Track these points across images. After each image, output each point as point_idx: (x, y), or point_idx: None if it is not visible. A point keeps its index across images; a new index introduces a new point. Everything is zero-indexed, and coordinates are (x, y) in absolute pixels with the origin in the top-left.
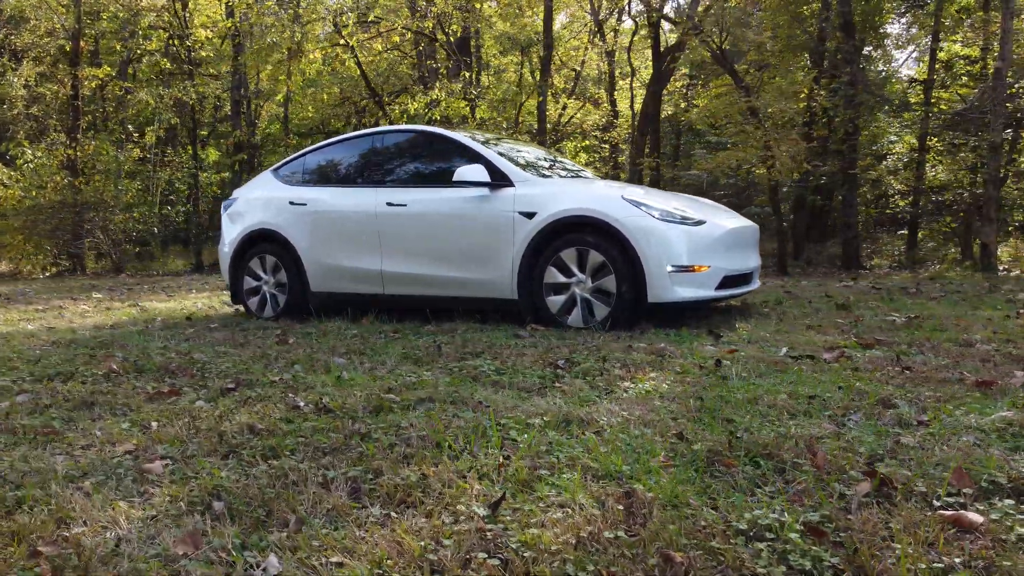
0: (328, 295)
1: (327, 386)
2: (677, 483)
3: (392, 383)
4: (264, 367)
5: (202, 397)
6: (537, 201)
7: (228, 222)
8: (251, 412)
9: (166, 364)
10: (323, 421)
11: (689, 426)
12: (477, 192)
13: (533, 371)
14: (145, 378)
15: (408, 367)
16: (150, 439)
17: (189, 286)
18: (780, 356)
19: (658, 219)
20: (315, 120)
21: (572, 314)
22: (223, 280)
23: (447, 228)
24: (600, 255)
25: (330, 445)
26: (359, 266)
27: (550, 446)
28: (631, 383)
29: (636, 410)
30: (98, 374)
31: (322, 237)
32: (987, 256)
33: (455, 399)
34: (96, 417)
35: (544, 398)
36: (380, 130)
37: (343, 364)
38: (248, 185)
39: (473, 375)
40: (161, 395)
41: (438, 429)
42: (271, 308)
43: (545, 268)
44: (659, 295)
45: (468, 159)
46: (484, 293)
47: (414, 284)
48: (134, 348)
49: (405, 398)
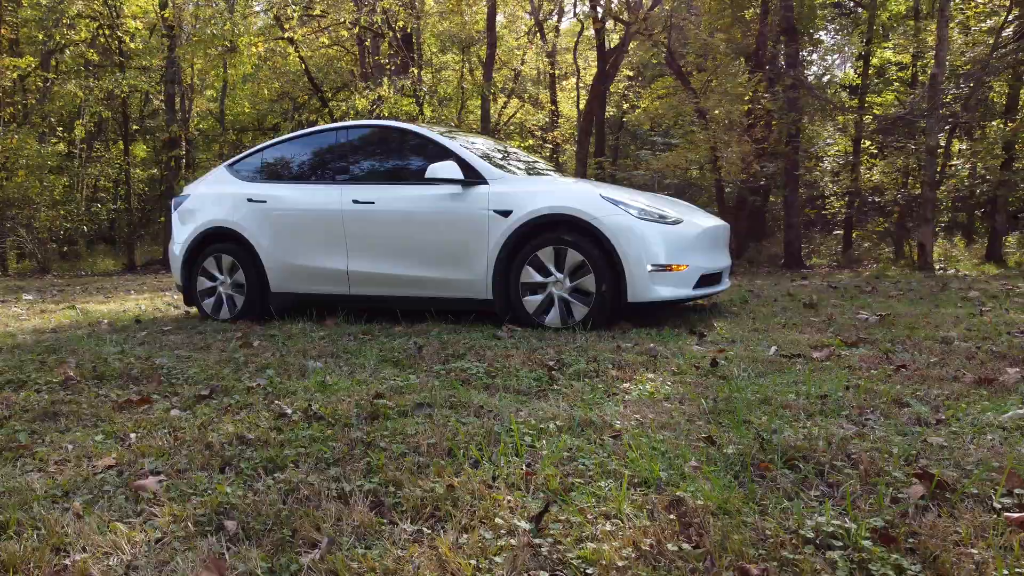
0: (290, 296)
1: (310, 391)
2: (720, 489)
3: (379, 388)
4: (234, 372)
5: (176, 405)
6: (513, 199)
7: (180, 220)
8: (235, 421)
9: (127, 370)
10: (317, 429)
11: (712, 429)
12: (449, 189)
13: (525, 373)
14: (108, 386)
15: (390, 370)
16: (132, 452)
17: (126, 287)
18: (771, 355)
19: (638, 217)
20: (251, 116)
21: (550, 314)
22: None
23: (418, 226)
24: (579, 254)
25: (333, 455)
26: (323, 265)
27: (572, 452)
28: (631, 384)
29: (648, 412)
30: (54, 382)
31: (283, 235)
32: (924, 255)
33: (452, 403)
34: (64, 429)
35: (545, 401)
36: (344, 125)
37: (320, 368)
38: (200, 181)
39: (463, 378)
40: (131, 404)
41: (447, 436)
42: (228, 310)
43: (522, 267)
44: (639, 294)
45: (439, 155)
46: (457, 293)
47: (382, 284)
48: (86, 353)
49: (401, 403)
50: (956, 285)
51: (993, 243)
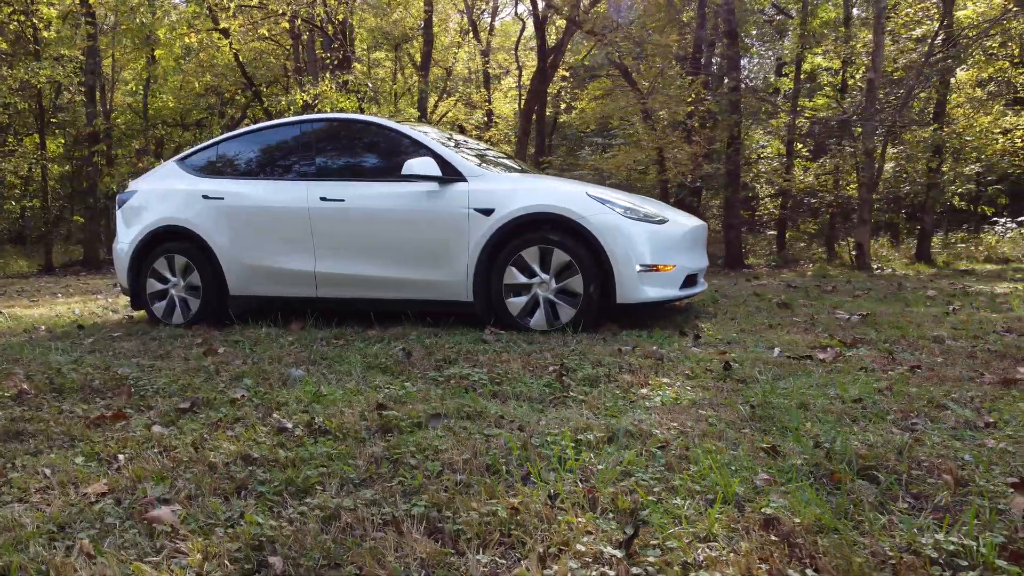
0: (251, 298)
1: (303, 402)
2: (806, 504)
3: (377, 397)
4: (207, 382)
5: (155, 420)
6: (494, 197)
7: (125, 218)
8: (231, 438)
9: (87, 382)
10: (328, 445)
11: (766, 438)
12: (425, 187)
13: (532, 379)
14: (69, 399)
15: (381, 378)
16: (125, 477)
17: (49, 290)
18: (776, 357)
19: (625, 217)
20: (174, 111)
21: (535, 316)
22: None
23: (392, 225)
24: (565, 254)
25: (358, 475)
26: (288, 267)
27: (625, 466)
28: (649, 390)
29: (684, 420)
30: (5, 396)
31: (243, 235)
32: (862, 255)
33: (468, 414)
34: (34, 451)
35: (567, 409)
36: (310, 118)
37: (303, 376)
38: (148, 176)
39: (465, 386)
40: (104, 420)
41: (479, 450)
42: (181, 314)
43: (505, 268)
44: (628, 295)
45: (413, 151)
46: (434, 295)
47: (353, 286)
48: (33, 363)
49: (412, 414)
50: (910, 284)
51: (922, 243)
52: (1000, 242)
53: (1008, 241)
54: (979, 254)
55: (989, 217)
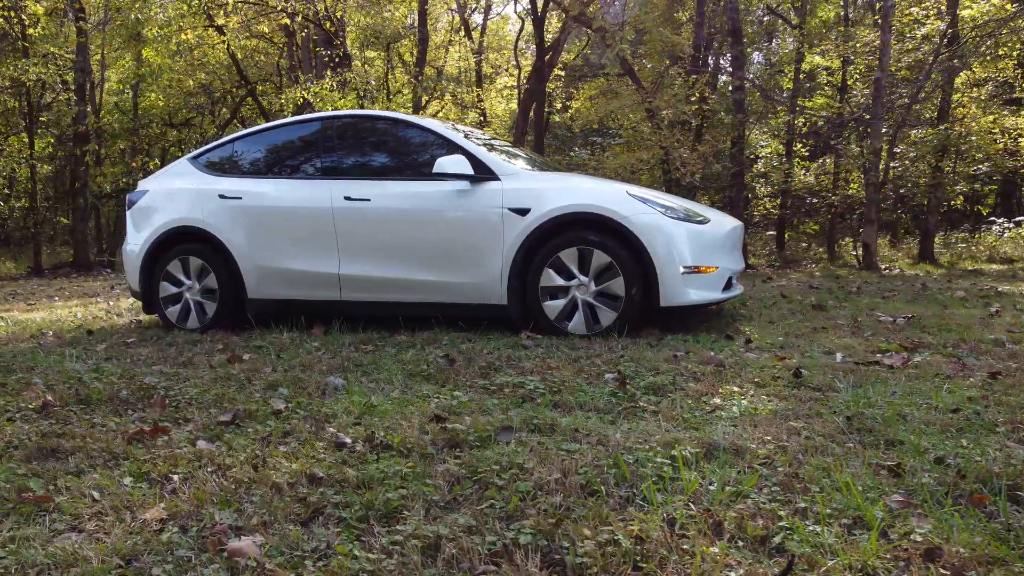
0: (270, 302)
1: (353, 414)
2: (957, 530)
3: (430, 408)
4: (239, 392)
5: (198, 435)
6: (530, 197)
7: (136, 219)
8: (288, 455)
9: (114, 392)
10: (396, 462)
11: (877, 453)
12: (455, 186)
13: (592, 388)
14: (99, 412)
15: (425, 386)
16: (185, 501)
17: (43, 293)
18: (842, 363)
19: (669, 217)
20: (164, 109)
21: (573, 320)
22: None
23: (420, 226)
24: (606, 255)
25: (443, 498)
26: (311, 269)
27: (736, 486)
28: (721, 399)
29: (777, 433)
30: (28, 408)
31: (263, 236)
32: (869, 255)
33: (537, 426)
34: (75, 470)
35: (641, 421)
36: (332, 115)
37: (342, 385)
38: (160, 175)
39: (521, 395)
40: (144, 434)
41: (569, 467)
42: (196, 318)
43: (541, 270)
44: (672, 298)
45: (443, 149)
46: (466, 298)
47: (379, 289)
48: (51, 372)
49: (478, 427)
50: (934, 285)
51: (925, 243)
52: (997, 242)
53: (1007, 241)
54: (980, 254)
55: (985, 217)
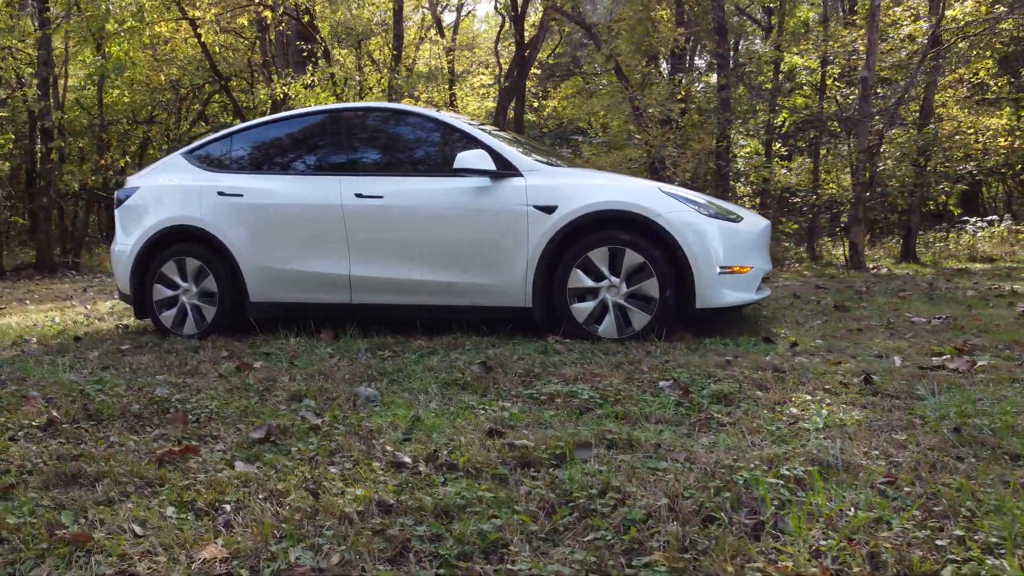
0: (274, 306)
1: (399, 428)
2: None
3: (481, 421)
4: (262, 404)
5: (234, 455)
6: (556, 194)
7: (126, 218)
8: (345, 477)
9: (125, 406)
10: (470, 486)
11: (1002, 469)
12: (474, 182)
13: (651, 398)
14: (112, 428)
15: (465, 396)
16: (244, 535)
17: (11, 296)
18: (903, 367)
19: (704, 215)
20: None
21: (603, 323)
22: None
23: (438, 224)
24: (638, 255)
25: (541, 527)
26: (319, 270)
27: (869, 510)
28: (799, 409)
29: (885, 447)
30: (32, 425)
31: (266, 235)
32: (856, 254)
33: (614, 441)
34: (105, 499)
35: (723, 434)
36: (340, 107)
37: (374, 396)
38: (151, 171)
39: (577, 406)
40: (173, 455)
41: (672, 489)
42: (194, 323)
43: (570, 271)
44: (708, 299)
45: (462, 144)
46: (487, 301)
47: (393, 291)
48: (47, 384)
49: (551, 444)
50: (944, 285)
51: (908, 242)
52: (974, 240)
53: (983, 239)
54: (959, 253)
55: (957, 217)
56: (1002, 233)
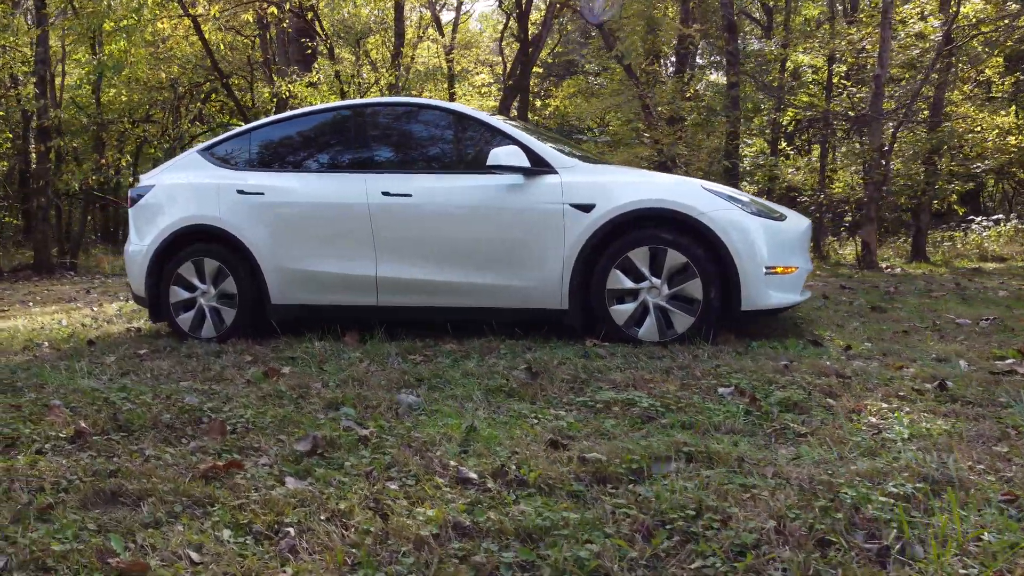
0: (294, 308)
1: (453, 439)
2: None
3: (538, 431)
4: (299, 412)
5: (282, 469)
6: (594, 191)
7: (141, 217)
8: (407, 495)
9: (155, 416)
10: (547, 504)
11: None
12: (506, 180)
13: (715, 405)
14: (145, 440)
15: (513, 404)
16: (316, 564)
17: (12, 298)
18: (973, 371)
19: (749, 213)
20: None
21: (644, 326)
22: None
23: (470, 224)
24: (681, 255)
25: (642, 553)
26: (343, 271)
27: (994, 532)
28: (877, 418)
29: (989, 460)
30: (60, 437)
31: (288, 235)
32: (869, 254)
33: (692, 454)
34: (152, 520)
35: (803, 446)
36: (365, 102)
37: (417, 403)
38: (166, 169)
39: (638, 415)
40: (217, 470)
41: (776, 511)
42: (212, 326)
43: (608, 271)
44: (754, 301)
45: (493, 140)
46: (520, 303)
47: (421, 293)
48: (67, 391)
49: (625, 458)
50: (969, 285)
51: (918, 241)
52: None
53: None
54: (968, 252)
55: (962, 216)
56: (1009, 232)
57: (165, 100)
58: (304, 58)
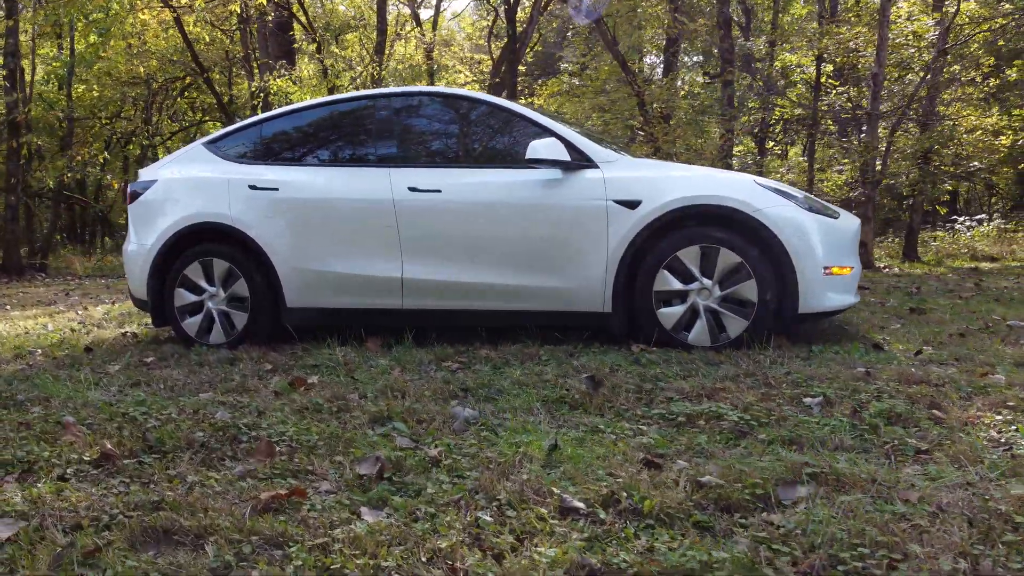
0: (312, 312)
1: (533, 460)
2: None
3: (628, 449)
4: (342, 427)
5: (351, 498)
6: (640, 187)
7: (142, 214)
8: (516, 531)
9: (187, 434)
10: (672, 537)
11: None
12: (544, 174)
13: (816, 420)
14: (181, 462)
15: (580, 417)
16: None
17: None
18: None
19: (804, 209)
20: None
21: (694, 330)
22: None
23: (505, 221)
24: (734, 255)
25: None
26: (366, 272)
27: None
28: (996, 431)
29: None
30: (83, 460)
31: (306, 233)
32: (865, 253)
33: (812, 476)
34: (222, 566)
35: (927, 464)
36: (390, 91)
37: (473, 417)
38: (169, 163)
39: (728, 429)
40: (280, 500)
41: (958, 547)
42: (221, 331)
43: (655, 272)
44: (812, 303)
45: (530, 132)
46: (559, 306)
47: (451, 296)
48: (78, 406)
49: (747, 482)
50: (985, 282)
51: (910, 241)
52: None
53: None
54: (958, 252)
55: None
56: (992, 232)
57: (138, 96)
58: (285, 53)
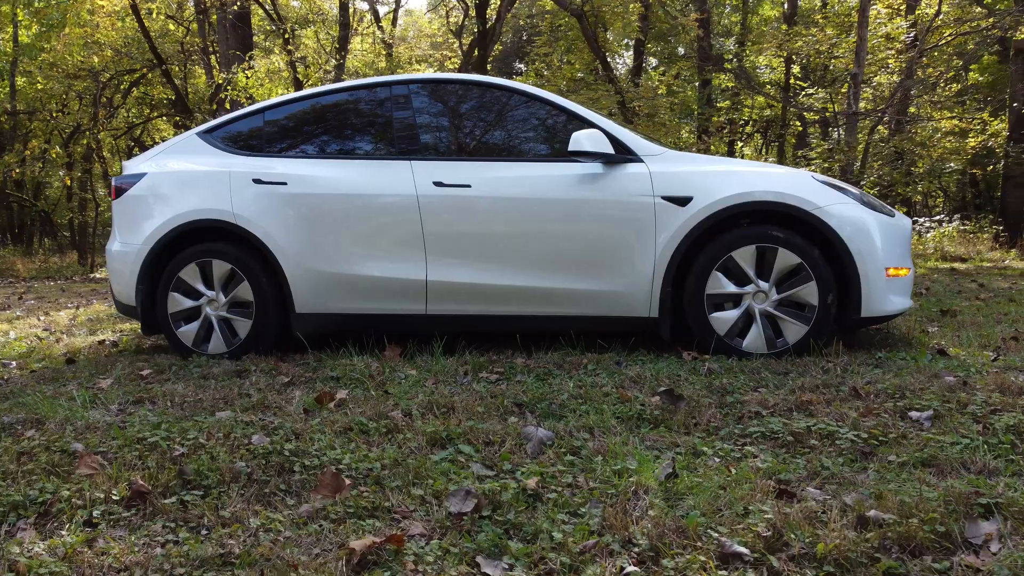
0: (324, 318)
1: (650, 491)
2: None
3: (747, 476)
4: (402, 453)
5: (464, 546)
6: (690, 182)
7: (129, 210)
8: None
9: (227, 466)
10: None
11: None
12: (583, 169)
13: (943, 437)
14: (230, 501)
15: (663, 435)
16: None
17: None
18: None
19: (866, 208)
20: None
21: (749, 336)
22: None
23: (541, 219)
24: (794, 255)
25: None
26: (385, 275)
27: None
28: None
29: None
30: (113, 500)
31: (318, 232)
32: None
33: (991, 507)
34: None
35: None
36: (411, 78)
37: (548, 438)
38: (159, 154)
39: (848, 449)
40: (378, 549)
41: None
42: (222, 340)
43: (708, 274)
44: (875, 307)
45: (566, 123)
46: (601, 310)
47: (480, 300)
48: (80, 429)
49: (928, 518)
50: (990, 284)
51: None
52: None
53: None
54: (927, 253)
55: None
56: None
57: (84, 89)
58: (244, 46)
